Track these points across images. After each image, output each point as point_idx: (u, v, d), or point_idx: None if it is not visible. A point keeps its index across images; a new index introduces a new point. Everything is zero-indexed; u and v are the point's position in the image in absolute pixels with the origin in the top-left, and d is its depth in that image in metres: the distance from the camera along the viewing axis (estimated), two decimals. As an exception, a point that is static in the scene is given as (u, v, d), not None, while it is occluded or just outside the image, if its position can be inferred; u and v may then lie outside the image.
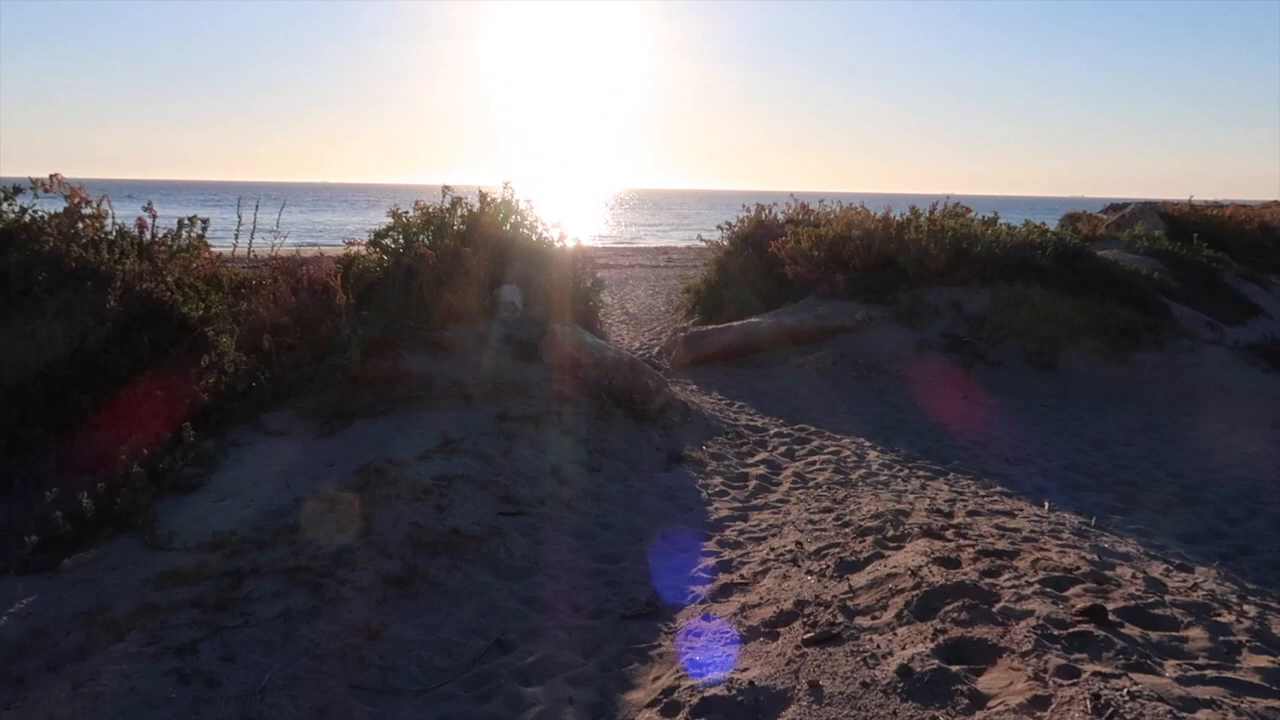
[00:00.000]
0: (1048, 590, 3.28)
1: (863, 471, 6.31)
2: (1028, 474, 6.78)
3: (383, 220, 8.77)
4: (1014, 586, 3.31)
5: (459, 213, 8.88)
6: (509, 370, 6.76)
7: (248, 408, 5.83)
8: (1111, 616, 2.96)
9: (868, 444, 7.37)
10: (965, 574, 3.48)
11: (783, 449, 7.02)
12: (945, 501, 5.45)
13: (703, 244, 20.41)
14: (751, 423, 7.92)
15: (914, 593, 3.33)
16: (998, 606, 3.13)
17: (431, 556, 3.99)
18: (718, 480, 5.95)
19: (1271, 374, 8.70)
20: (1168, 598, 3.24)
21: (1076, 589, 3.31)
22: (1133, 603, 3.13)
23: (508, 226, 9.05)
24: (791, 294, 12.24)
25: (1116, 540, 4.57)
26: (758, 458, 6.65)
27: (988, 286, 10.71)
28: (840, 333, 10.76)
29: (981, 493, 5.96)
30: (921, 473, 6.49)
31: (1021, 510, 5.24)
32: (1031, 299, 9.89)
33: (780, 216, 16.27)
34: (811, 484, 5.95)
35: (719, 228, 16.39)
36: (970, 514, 4.97)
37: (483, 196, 9.04)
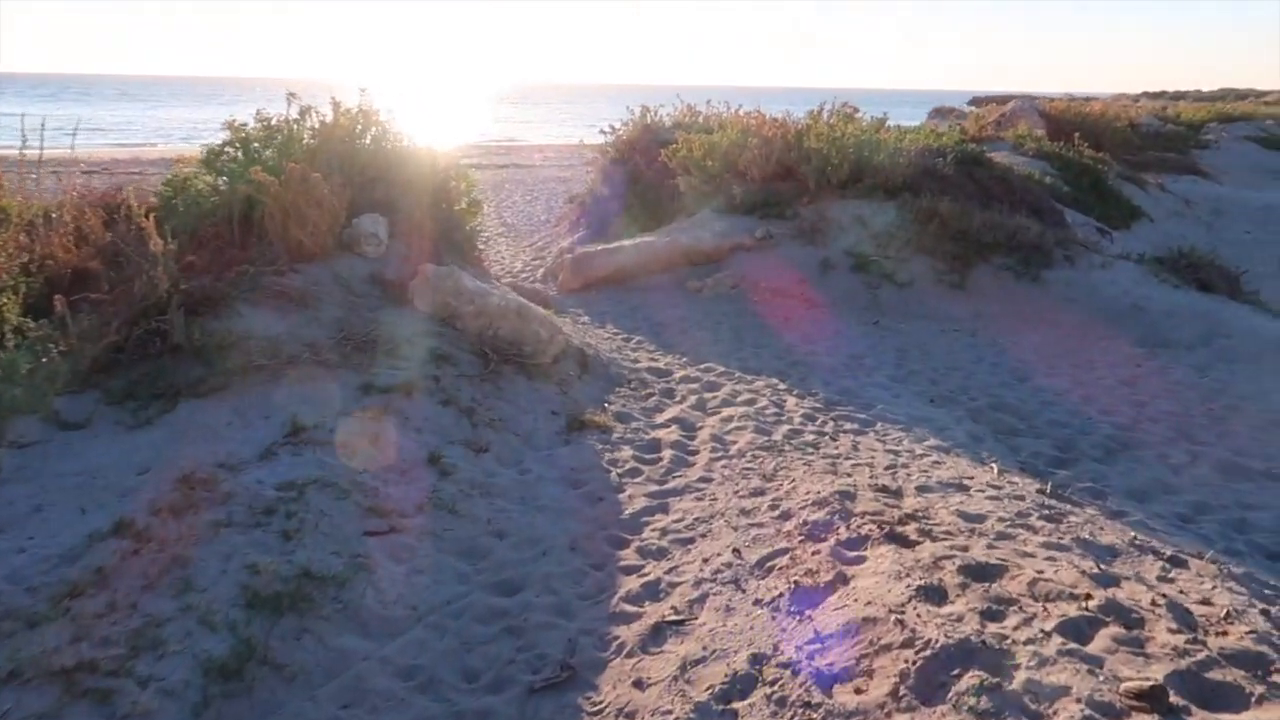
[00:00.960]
0: (1070, 645, 2.61)
1: (786, 429, 5.60)
2: (956, 417, 6.24)
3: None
4: (1028, 641, 2.63)
5: (308, 125, 7.53)
6: (374, 323, 5.67)
7: (34, 393, 4.59)
8: (1173, 697, 2.30)
9: (782, 386, 6.68)
10: (962, 619, 2.78)
11: (693, 399, 6.23)
12: (886, 470, 4.80)
13: (581, 145, 19.13)
14: (654, 364, 7.10)
15: (909, 657, 2.61)
16: (1019, 680, 2.44)
17: (274, 619, 3.03)
18: (627, 452, 5.12)
19: (1180, 290, 8.42)
20: (1211, 643, 2.63)
21: (1103, 638, 2.66)
22: (1182, 662, 2.49)
23: (367, 140, 7.76)
24: (685, 207, 11.34)
25: (1089, 523, 4.01)
26: (667, 414, 5.84)
27: (892, 199, 10.07)
28: (739, 251, 9.98)
29: (918, 450, 5.36)
30: (847, 424, 5.84)
31: (971, 478, 4.64)
32: (940, 213, 9.30)
33: (667, 120, 15.21)
34: (734, 450, 5.20)
35: (602, 132, 15.20)
36: (920, 490, 4.33)
37: (336, 105, 7.69)
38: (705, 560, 3.72)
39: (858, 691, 2.59)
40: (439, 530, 3.92)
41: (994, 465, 5.03)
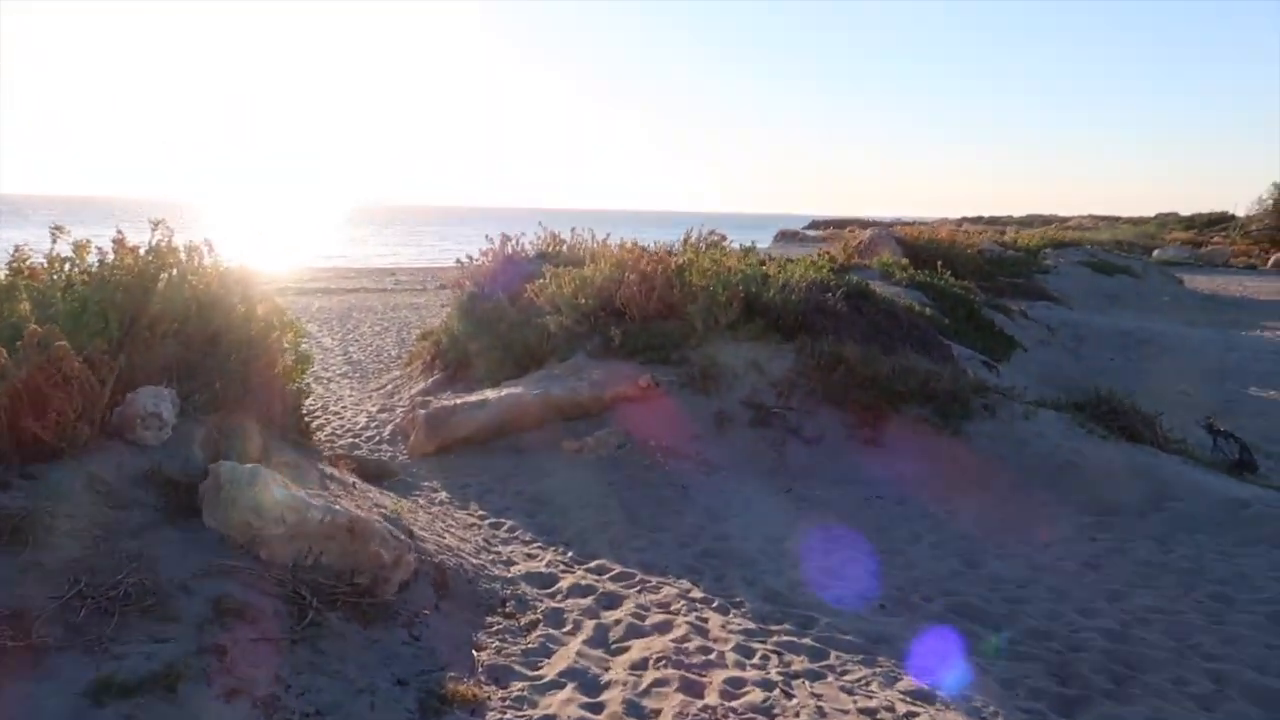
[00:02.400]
0: None
1: (721, 678, 4.15)
2: (916, 632, 4.97)
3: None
4: None
5: (67, 272, 5.84)
6: (136, 559, 3.93)
7: None
8: None
9: (698, 595, 5.27)
10: None
11: (590, 628, 4.71)
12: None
13: (433, 265, 17.68)
14: (534, 567, 5.57)
15: None
16: None
17: None
18: (509, 750, 3.54)
19: (1110, 442, 7.64)
20: None
21: None
22: None
23: (161, 284, 6.08)
24: (556, 349, 10.00)
25: None
26: (559, 664, 4.28)
27: (789, 341, 9.07)
28: (622, 402, 8.66)
29: (898, 703, 4.02)
30: (795, 660, 4.45)
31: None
32: (846, 359, 8.31)
33: (529, 248, 14.02)
34: (659, 730, 3.71)
35: (459, 261, 13.82)
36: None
37: (120, 243, 6.02)
38: None
39: None
40: None
41: (1008, 733, 3.74)
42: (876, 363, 8.32)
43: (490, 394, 8.94)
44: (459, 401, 8.82)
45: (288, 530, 4.03)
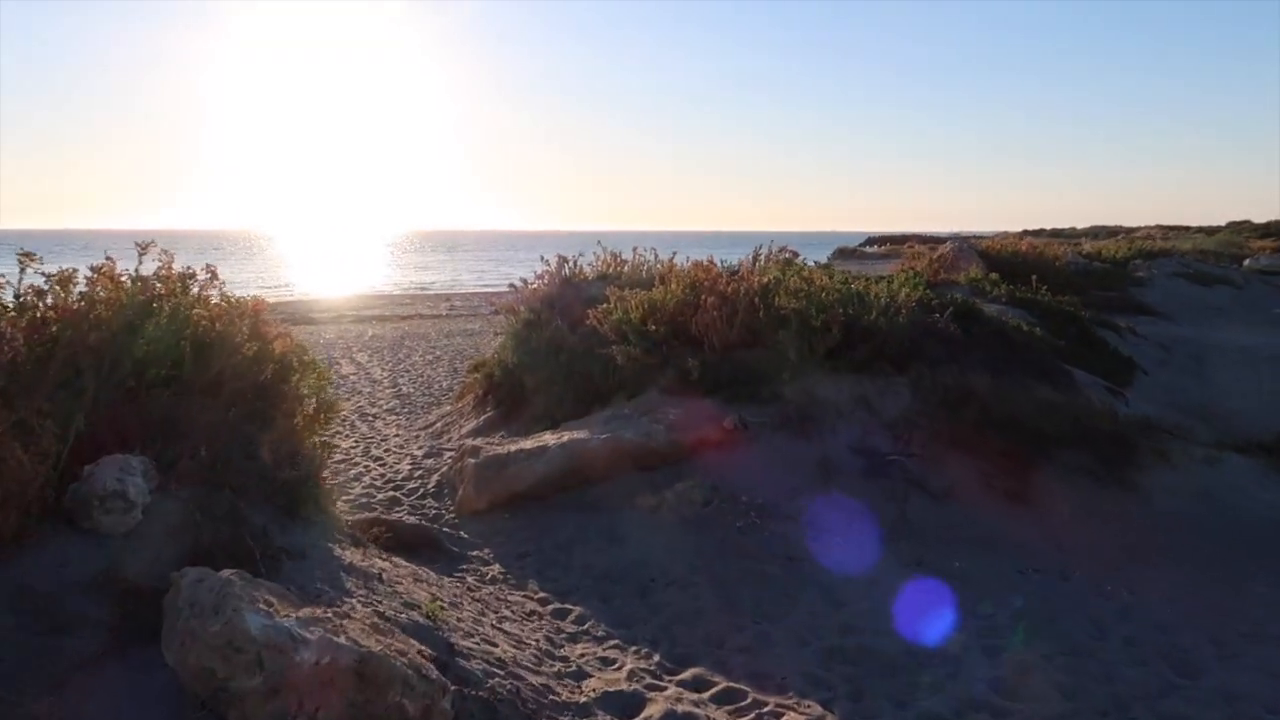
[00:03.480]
0: None
1: None
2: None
3: None
4: None
5: (42, 310, 4.73)
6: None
7: None
8: None
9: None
10: None
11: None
12: None
13: (489, 290, 16.50)
14: (613, 683, 4.25)
15: None
16: None
17: None
18: None
19: (1321, 495, 6.08)
20: None
21: None
22: None
23: (151, 327, 4.94)
24: (624, 384, 8.72)
25: None
26: None
27: (901, 373, 7.65)
28: (704, 449, 7.33)
29: None
30: None
31: None
32: (976, 393, 6.88)
33: (588, 270, 12.79)
34: None
35: (512, 286, 12.66)
36: None
37: (105, 270, 4.91)
38: None
39: None
40: None
41: None
42: (1014, 398, 6.87)
43: (550, 438, 7.67)
44: (514, 448, 7.56)
45: (265, 681, 2.76)
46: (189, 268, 5.42)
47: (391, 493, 7.84)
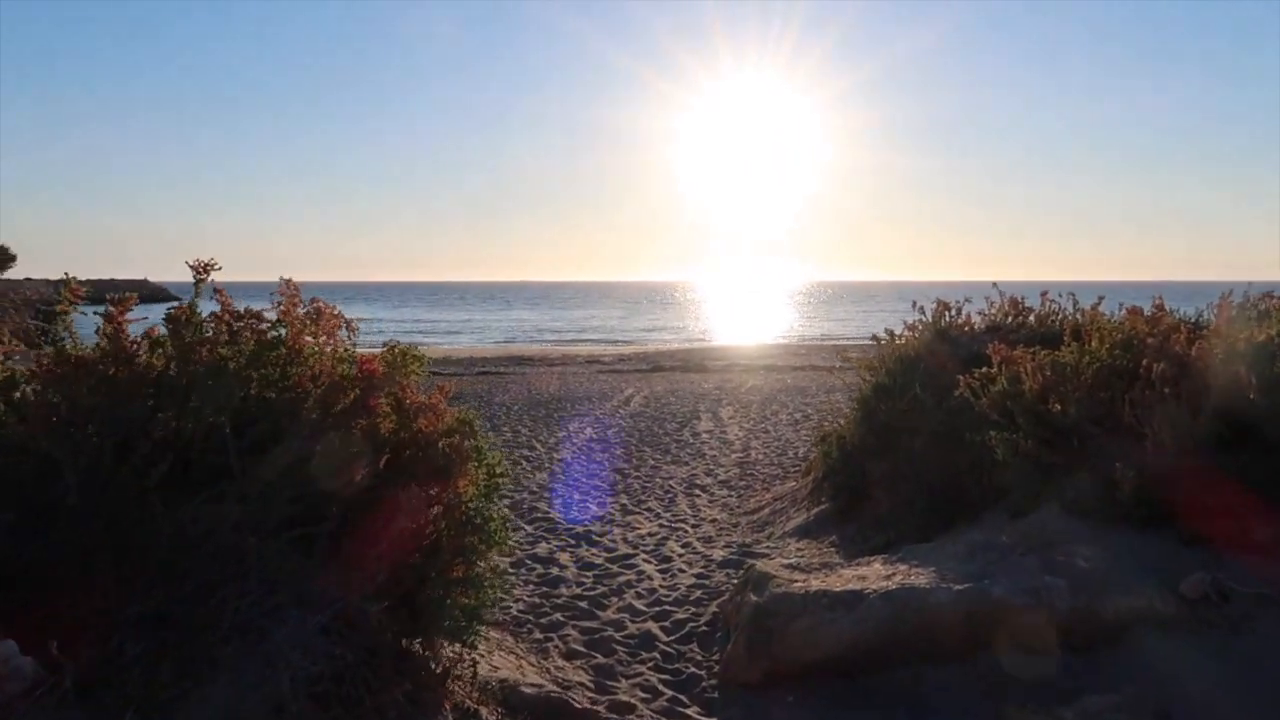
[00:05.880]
0: None
1: None
2: None
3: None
4: None
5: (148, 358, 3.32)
6: None
7: None
8: None
9: None
10: None
11: None
12: None
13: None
14: None
15: None
16: None
17: None
18: None
19: None
20: None
21: None
22: None
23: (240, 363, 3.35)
24: (1003, 488, 5.70)
25: None
26: None
27: None
28: (1144, 628, 4.15)
29: None
30: None
31: None
32: None
33: (977, 320, 9.63)
34: None
35: (874, 338, 9.95)
36: None
37: (111, 322, 3.44)
38: None
39: None
40: None
41: None
42: None
43: (873, 574, 4.97)
44: (815, 586, 4.96)
45: None
46: (311, 307, 3.76)
47: (648, 624, 5.65)
